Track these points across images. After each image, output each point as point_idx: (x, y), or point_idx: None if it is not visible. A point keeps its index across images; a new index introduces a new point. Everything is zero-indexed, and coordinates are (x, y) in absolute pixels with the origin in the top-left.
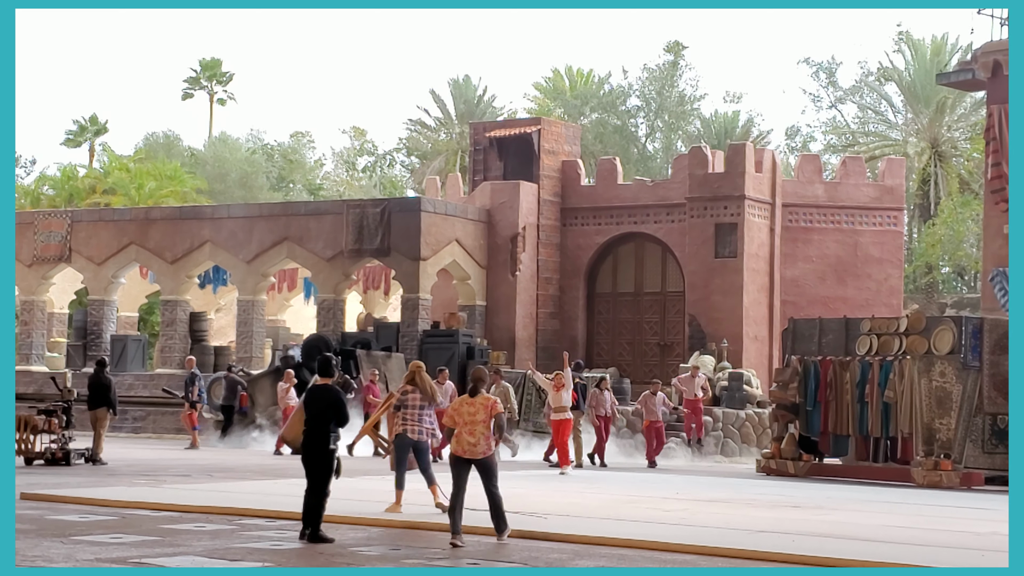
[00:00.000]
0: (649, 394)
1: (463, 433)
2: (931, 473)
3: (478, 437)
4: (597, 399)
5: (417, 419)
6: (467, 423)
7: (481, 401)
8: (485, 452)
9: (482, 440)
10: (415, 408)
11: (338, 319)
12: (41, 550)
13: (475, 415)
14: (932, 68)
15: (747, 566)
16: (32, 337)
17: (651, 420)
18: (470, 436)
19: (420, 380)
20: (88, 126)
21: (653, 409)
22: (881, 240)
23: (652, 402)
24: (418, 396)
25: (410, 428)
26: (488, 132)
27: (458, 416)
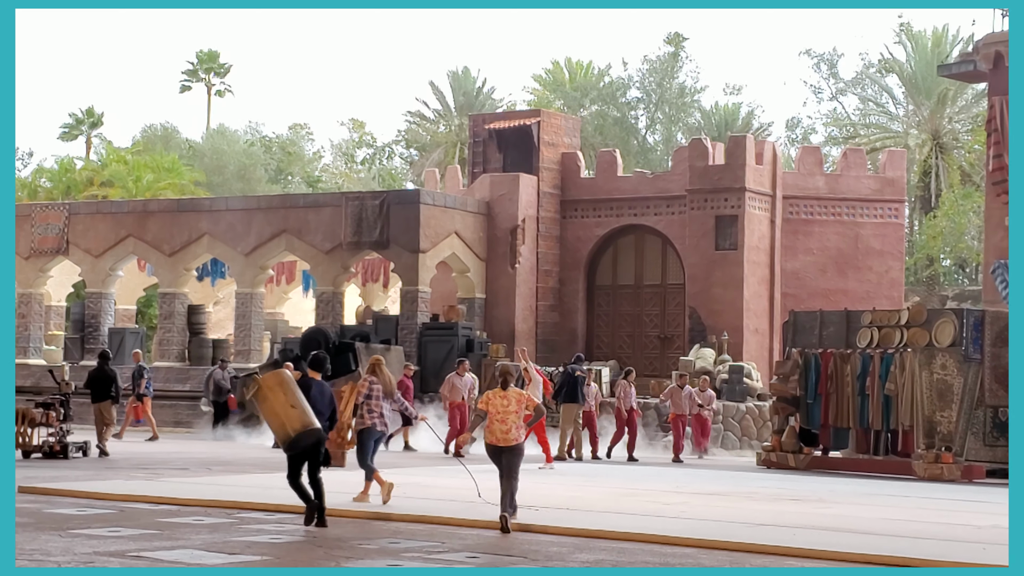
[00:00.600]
0: (676, 387)
1: (495, 423)
2: (932, 466)
3: (510, 426)
4: (625, 391)
5: (380, 412)
6: (499, 413)
7: (514, 394)
8: (516, 440)
9: (514, 429)
10: (378, 400)
11: (337, 312)
12: (39, 543)
13: (508, 407)
14: (933, 59)
15: (747, 559)
16: (29, 330)
17: (677, 413)
18: (502, 425)
19: (380, 373)
20: (85, 118)
21: (679, 402)
22: (882, 232)
23: (679, 395)
24: (380, 389)
25: (378, 421)
26: (487, 124)
27: (491, 407)
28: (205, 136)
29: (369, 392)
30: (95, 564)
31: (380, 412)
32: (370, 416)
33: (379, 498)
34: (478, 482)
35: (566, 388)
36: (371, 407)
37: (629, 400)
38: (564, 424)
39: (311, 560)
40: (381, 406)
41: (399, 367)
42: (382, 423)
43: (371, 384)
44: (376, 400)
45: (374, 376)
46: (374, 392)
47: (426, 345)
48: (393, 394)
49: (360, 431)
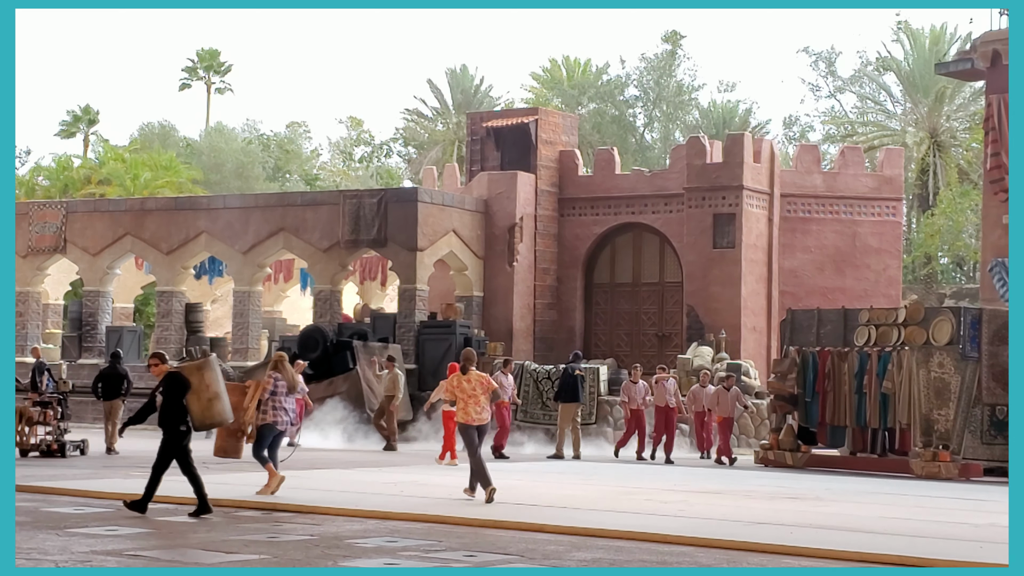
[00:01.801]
0: (698, 387)
1: (470, 405)
2: (929, 464)
3: (483, 407)
4: (663, 388)
5: (283, 407)
6: (471, 397)
7: (476, 377)
8: (488, 418)
9: (485, 409)
10: (282, 396)
11: (335, 310)
12: (36, 542)
13: (475, 390)
14: (931, 58)
15: (745, 557)
16: (27, 328)
17: (698, 411)
18: (476, 406)
19: (283, 370)
20: (82, 116)
21: (701, 400)
22: (880, 230)
23: (701, 394)
24: (284, 385)
25: (280, 419)
26: (485, 122)
27: (460, 392)
28: (203, 134)
29: (274, 389)
30: (92, 563)
31: (284, 408)
32: (273, 412)
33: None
34: None
35: (567, 388)
36: (275, 403)
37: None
38: (562, 423)
39: (308, 559)
40: (282, 403)
41: (397, 365)
42: (284, 420)
43: (275, 381)
44: (280, 397)
45: (278, 373)
46: (278, 389)
47: (424, 343)
48: (296, 389)
49: (261, 426)
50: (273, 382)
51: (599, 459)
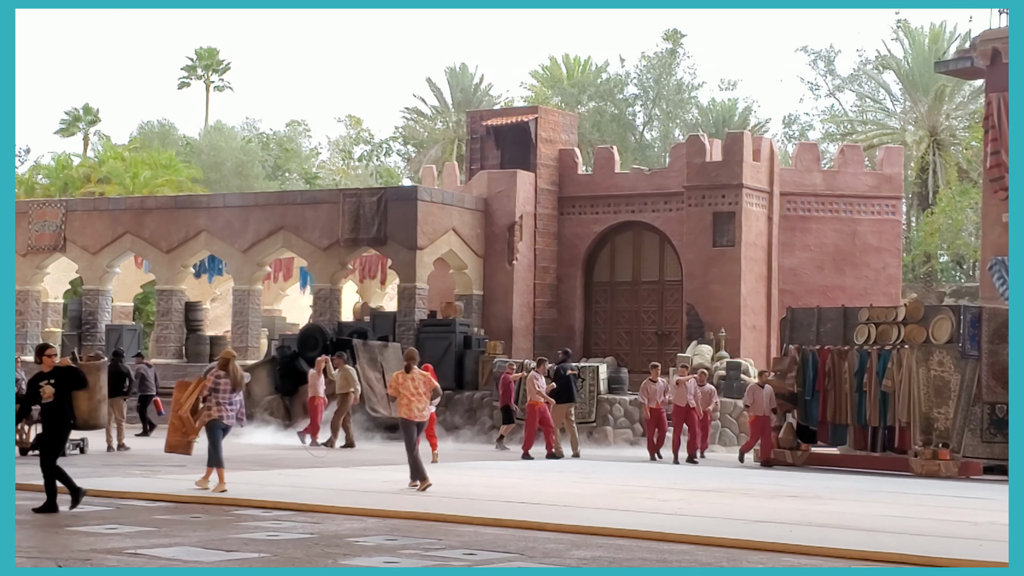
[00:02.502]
0: (756, 386)
1: (412, 402)
2: (929, 463)
3: (424, 404)
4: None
5: (228, 404)
6: (413, 394)
7: (419, 375)
8: (427, 417)
9: (426, 407)
10: (226, 393)
11: (334, 308)
12: (36, 541)
13: (418, 388)
14: (930, 56)
15: (745, 556)
16: (27, 327)
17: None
18: (419, 403)
19: (232, 368)
20: (82, 115)
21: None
22: (879, 229)
23: (760, 394)
24: (227, 383)
25: (225, 414)
26: (485, 121)
27: (403, 389)
28: (203, 133)
29: (216, 386)
30: (92, 561)
31: (227, 404)
32: (217, 408)
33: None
34: None
35: (562, 388)
36: (218, 400)
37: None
38: (555, 423)
39: (308, 557)
40: (228, 399)
41: (397, 364)
42: (228, 415)
43: (218, 378)
44: (223, 393)
45: (223, 371)
46: (221, 386)
47: (424, 342)
48: (240, 387)
49: (208, 422)
50: (214, 379)
51: (599, 458)
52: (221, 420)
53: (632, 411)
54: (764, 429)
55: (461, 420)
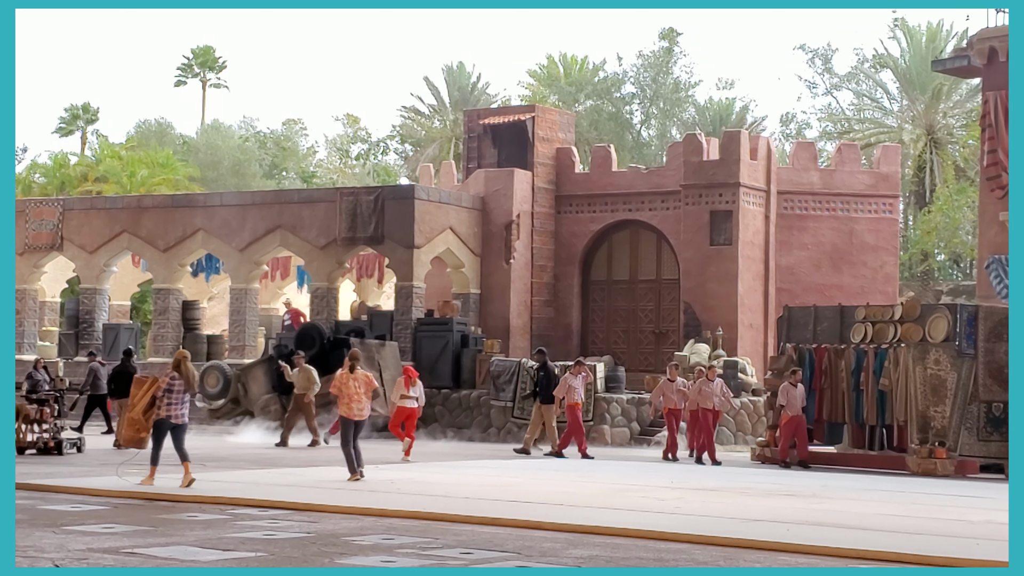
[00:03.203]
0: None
1: (352, 402)
2: (926, 461)
3: (364, 404)
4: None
5: (180, 404)
6: (355, 394)
7: (362, 376)
8: (366, 416)
9: (366, 407)
10: (179, 393)
11: (331, 307)
12: (33, 540)
13: (359, 388)
14: (928, 55)
15: (742, 555)
16: (24, 326)
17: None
18: (358, 403)
19: (184, 368)
20: (80, 114)
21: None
22: (876, 227)
23: (793, 393)
24: (181, 384)
25: (173, 413)
26: (482, 119)
27: (345, 388)
28: (199, 131)
29: (170, 386)
30: (89, 561)
31: (179, 405)
32: (167, 408)
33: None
34: None
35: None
36: (171, 400)
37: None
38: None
39: (305, 556)
40: (180, 399)
41: (394, 363)
42: (178, 416)
43: (172, 379)
44: (177, 394)
45: (177, 372)
46: (175, 386)
47: (421, 341)
48: (194, 388)
49: (155, 421)
50: (169, 380)
51: (597, 456)
52: (169, 420)
53: (629, 409)
54: (799, 429)
55: (458, 419)
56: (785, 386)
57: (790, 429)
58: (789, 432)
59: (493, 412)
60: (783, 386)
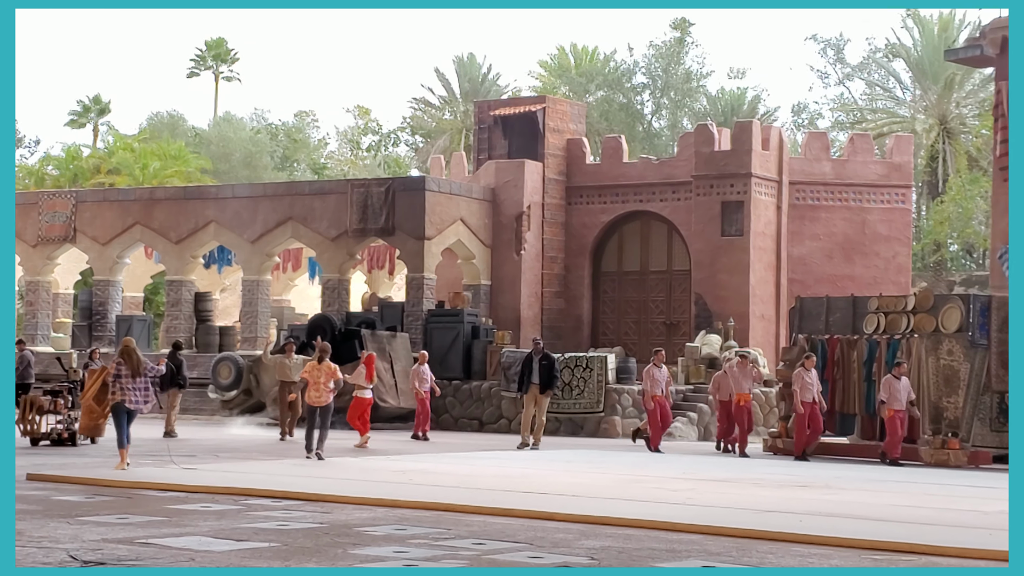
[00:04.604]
0: (892, 378)
1: (312, 389)
2: (938, 452)
3: (321, 391)
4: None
5: (131, 389)
6: (316, 382)
7: (326, 367)
8: (327, 401)
9: (324, 393)
10: (128, 379)
11: (343, 299)
12: (47, 531)
13: (320, 377)
14: (940, 44)
15: (754, 545)
16: (37, 318)
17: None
18: (316, 391)
19: (128, 355)
20: (92, 106)
21: (898, 395)
22: (889, 218)
23: (896, 386)
24: (128, 369)
25: (127, 398)
26: (493, 111)
27: (311, 377)
28: (211, 124)
29: (117, 372)
30: (103, 551)
31: (129, 389)
32: (120, 392)
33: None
34: None
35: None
36: (121, 385)
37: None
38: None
39: (318, 547)
40: (131, 385)
41: (405, 354)
42: (130, 400)
43: (119, 365)
44: (125, 379)
45: (122, 359)
46: (122, 372)
47: (432, 332)
48: (142, 373)
49: (112, 405)
50: (116, 367)
51: (608, 447)
52: (123, 404)
53: (640, 401)
54: (903, 424)
55: (469, 410)
56: (888, 379)
57: (896, 424)
58: (895, 427)
59: (504, 403)
60: (886, 379)
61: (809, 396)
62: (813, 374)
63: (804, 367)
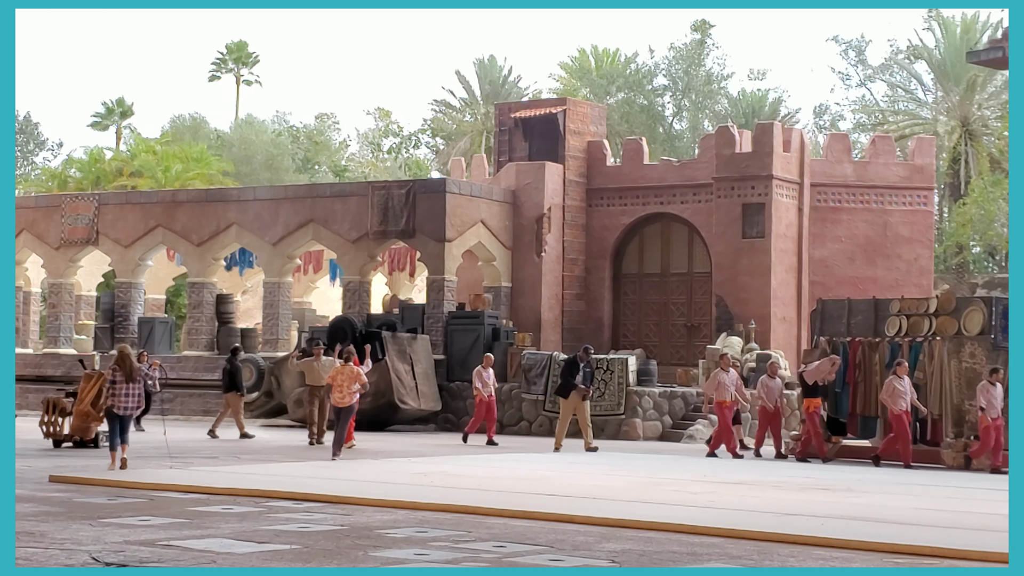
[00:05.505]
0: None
1: (336, 391)
2: (960, 455)
3: (344, 393)
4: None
5: (124, 395)
6: (340, 384)
7: (349, 370)
8: (350, 402)
9: (347, 395)
10: (122, 384)
11: (364, 301)
12: (70, 532)
13: (344, 381)
14: (962, 46)
15: (775, 548)
16: (60, 320)
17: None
18: (339, 392)
19: (122, 362)
20: (115, 109)
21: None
22: (911, 220)
23: (993, 393)
24: (123, 375)
25: (117, 404)
26: (513, 113)
27: (338, 378)
28: (233, 126)
29: (113, 379)
30: (126, 553)
31: (124, 395)
32: (112, 398)
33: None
34: None
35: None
36: (115, 391)
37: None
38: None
39: (339, 549)
40: (124, 390)
41: (426, 356)
42: (125, 405)
43: (114, 372)
44: (120, 384)
45: (117, 365)
46: (117, 378)
47: (452, 334)
48: (135, 378)
49: (106, 411)
50: (112, 373)
51: (628, 450)
52: (114, 409)
53: (661, 403)
54: (997, 432)
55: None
56: (984, 384)
57: (991, 433)
58: (989, 436)
59: (525, 405)
60: (982, 384)
61: (903, 404)
62: (906, 381)
63: (896, 374)
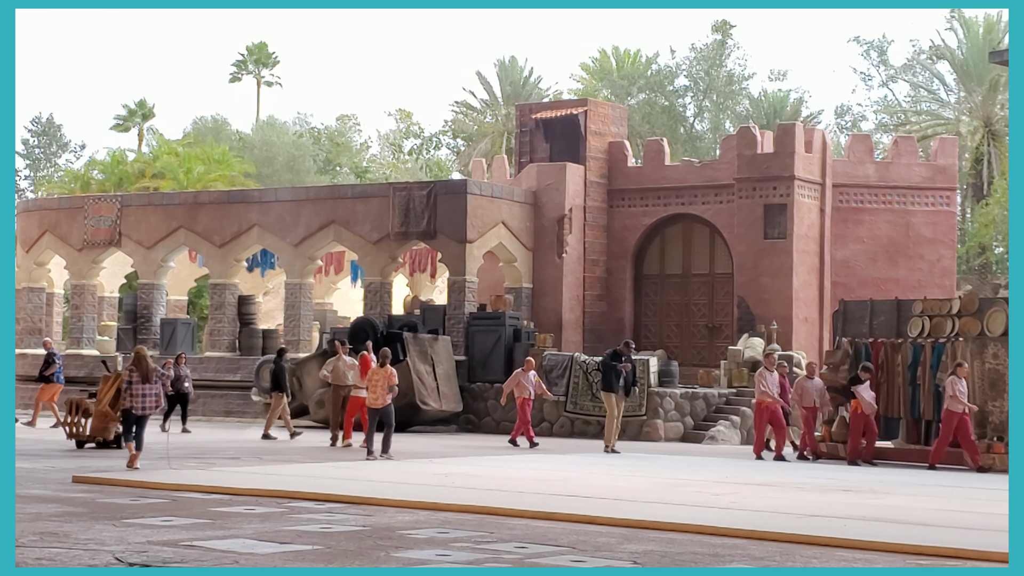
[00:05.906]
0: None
1: (370, 393)
2: (984, 456)
3: (378, 394)
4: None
5: (141, 395)
6: (375, 385)
7: (384, 372)
8: (383, 404)
9: (380, 396)
10: (139, 385)
11: (385, 302)
12: (94, 533)
13: (379, 381)
14: (985, 46)
15: (798, 550)
16: (83, 321)
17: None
18: (373, 393)
19: (138, 364)
20: (137, 110)
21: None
22: (933, 220)
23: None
24: (139, 376)
25: (135, 405)
26: (534, 114)
27: (372, 380)
28: (255, 128)
29: (130, 379)
30: (149, 553)
31: (139, 395)
32: (130, 399)
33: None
34: None
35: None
36: (132, 392)
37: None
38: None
39: (361, 550)
40: (141, 391)
41: (447, 357)
42: (139, 406)
43: (131, 372)
44: (137, 385)
45: (134, 366)
46: (134, 379)
47: (473, 335)
48: (151, 378)
49: (122, 411)
50: (129, 374)
51: (649, 451)
52: (132, 410)
53: (683, 404)
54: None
55: (511, 413)
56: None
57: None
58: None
59: (546, 406)
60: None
61: (960, 407)
62: (963, 384)
63: (956, 375)
